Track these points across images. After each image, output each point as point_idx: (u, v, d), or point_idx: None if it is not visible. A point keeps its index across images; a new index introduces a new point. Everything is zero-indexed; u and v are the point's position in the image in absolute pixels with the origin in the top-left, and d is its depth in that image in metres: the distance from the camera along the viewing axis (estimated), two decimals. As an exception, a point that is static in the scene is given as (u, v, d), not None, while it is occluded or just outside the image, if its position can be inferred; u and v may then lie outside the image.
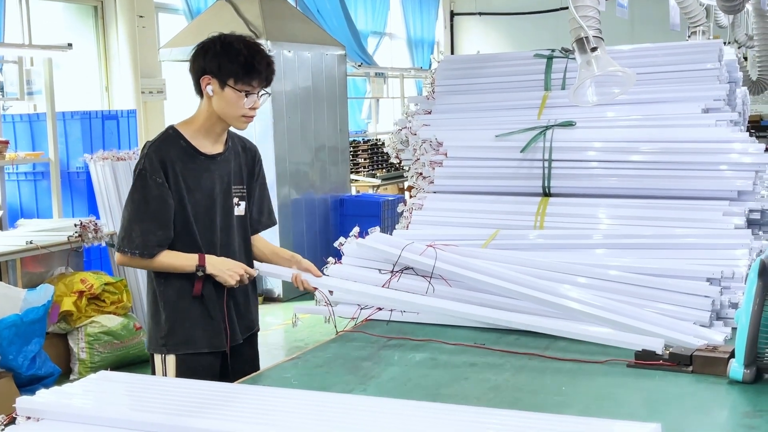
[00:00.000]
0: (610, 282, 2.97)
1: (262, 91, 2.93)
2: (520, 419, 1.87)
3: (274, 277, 3.21)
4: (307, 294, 3.19)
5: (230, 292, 2.99)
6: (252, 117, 2.95)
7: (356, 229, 3.37)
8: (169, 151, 2.91)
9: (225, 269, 2.91)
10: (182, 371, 2.92)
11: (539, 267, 3.07)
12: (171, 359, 2.95)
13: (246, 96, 2.88)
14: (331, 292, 3.05)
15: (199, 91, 2.95)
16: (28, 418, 1.95)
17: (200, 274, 2.88)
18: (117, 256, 2.95)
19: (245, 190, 3.09)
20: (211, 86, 2.88)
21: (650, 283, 2.92)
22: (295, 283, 3.07)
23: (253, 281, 3.12)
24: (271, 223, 3.24)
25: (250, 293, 3.14)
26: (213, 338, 2.98)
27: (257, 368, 3.09)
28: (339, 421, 1.89)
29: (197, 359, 2.95)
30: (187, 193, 2.91)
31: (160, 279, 2.97)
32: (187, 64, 2.97)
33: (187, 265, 2.90)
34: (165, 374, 2.94)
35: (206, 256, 2.91)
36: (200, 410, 1.95)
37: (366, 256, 3.28)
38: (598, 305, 2.79)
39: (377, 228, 3.44)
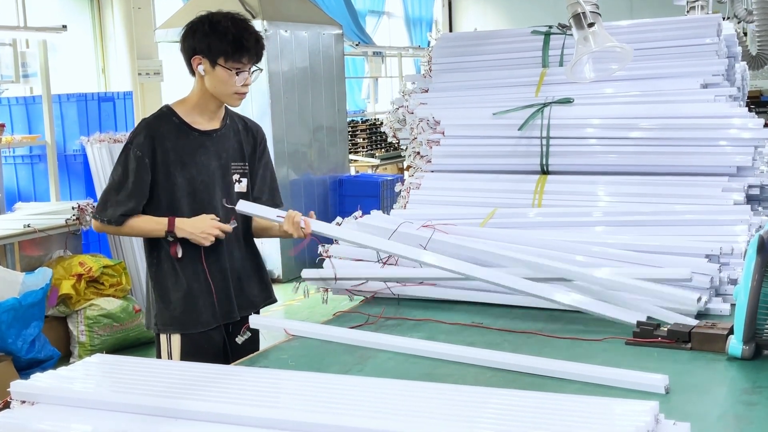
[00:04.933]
0: (609, 260, 2.95)
1: (254, 68, 2.95)
2: (519, 398, 1.86)
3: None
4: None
5: (232, 268, 3.02)
6: (244, 93, 2.98)
7: (358, 213, 3.36)
8: (160, 128, 2.96)
9: (197, 232, 2.90)
10: (186, 349, 2.97)
11: (537, 245, 3.05)
12: (176, 338, 2.98)
13: (237, 74, 2.90)
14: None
15: (192, 70, 2.98)
16: (23, 402, 1.94)
17: (170, 239, 2.93)
18: (93, 223, 3.06)
19: (247, 167, 3.10)
20: (202, 66, 2.92)
21: (649, 260, 2.91)
22: (287, 228, 2.93)
23: (257, 261, 3.15)
24: (274, 203, 3.17)
25: (250, 271, 3.14)
26: (203, 315, 3.00)
27: (257, 347, 3.10)
28: (336, 401, 1.88)
29: (197, 337, 2.99)
30: (180, 169, 2.94)
31: (152, 259, 3.02)
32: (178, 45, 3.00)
33: (156, 229, 2.93)
34: (170, 353, 2.99)
35: (176, 219, 2.92)
36: (196, 392, 1.94)
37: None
38: (597, 277, 2.77)
39: (378, 212, 3.43)
